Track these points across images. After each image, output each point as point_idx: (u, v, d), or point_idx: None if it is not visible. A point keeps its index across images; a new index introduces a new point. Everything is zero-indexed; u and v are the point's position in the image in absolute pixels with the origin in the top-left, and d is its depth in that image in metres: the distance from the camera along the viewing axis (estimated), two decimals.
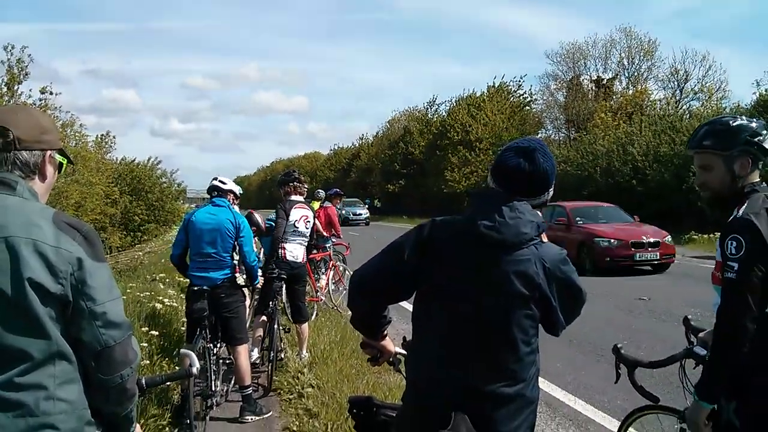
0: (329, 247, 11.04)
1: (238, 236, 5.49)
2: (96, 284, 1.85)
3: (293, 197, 7.05)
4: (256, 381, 6.32)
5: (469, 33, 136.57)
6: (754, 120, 2.66)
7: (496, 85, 48.02)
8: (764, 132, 2.59)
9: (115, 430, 2.06)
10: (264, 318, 6.58)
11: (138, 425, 2.22)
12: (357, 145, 75.24)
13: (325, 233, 10.65)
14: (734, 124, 2.60)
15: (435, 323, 2.16)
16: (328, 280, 10.44)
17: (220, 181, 5.58)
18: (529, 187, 2.17)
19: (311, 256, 9.76)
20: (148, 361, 5.62)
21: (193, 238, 5.41)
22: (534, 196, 2.18)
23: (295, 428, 5.04)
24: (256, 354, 6.54)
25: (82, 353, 1.85)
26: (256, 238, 7.55)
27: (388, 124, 67.75)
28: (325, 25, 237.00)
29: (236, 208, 5.75)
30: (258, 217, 7.73)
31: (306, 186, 7.33)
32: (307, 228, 6.94)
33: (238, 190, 5.83)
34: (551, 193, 2.26)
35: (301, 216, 6.95)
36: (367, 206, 45.64)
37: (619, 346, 3.05)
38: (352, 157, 73.30)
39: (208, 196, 5.69)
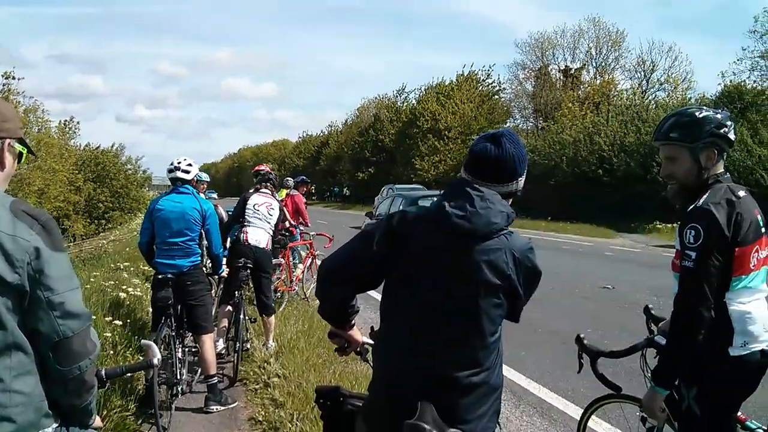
0: (312, 235, 10.99)
1: (204, 224, 5.42)
2: (54, 274, 1.81)
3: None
4: (221, 371, 6.28)
5: (442, 22, 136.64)
6: (719, 111, 2.69)
7: (465, 74, 48.15)
8: (729, 123, 2.62)
9: (73, 422, 2.04)
10: (229, 308, 6.53)
11: (98, 417, 2.20)
12: (326, 132, 74.99)
13: (292, 221, 10.60)
14: (700, 115, 2.62)
15: (403, 312, 2.16)
16: (304, 269, 10.39)
17: (183, 171, 5.42)
18: (497, 172, 2.17)
19: (291, 244, 9.74)
20: (111, 352, 5.54)
21: (159, 226, 5.30)
22: (502, 182, 2.18)
23: (260, 418, 5.02)
24: (221, 344, 6.49)
25: (39, 344, 1.81)
26: None
27: (358, 112, 67.65)
28: (298, 12, 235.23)
29: (202, 196, 5.68)
30: (221, 210, 7.68)
31: (272, 180, 7.33)
32: (270, 214, 6.87)
33: (205, 177, 5.73)
34: (521, 182, 2.25)
35: (264, 202, 6.92)
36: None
37: (581, 336, 3.09)
38: (321, 145, 73.16)
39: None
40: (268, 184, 7.17)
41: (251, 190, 7.14)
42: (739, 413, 2.74)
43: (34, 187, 23.64)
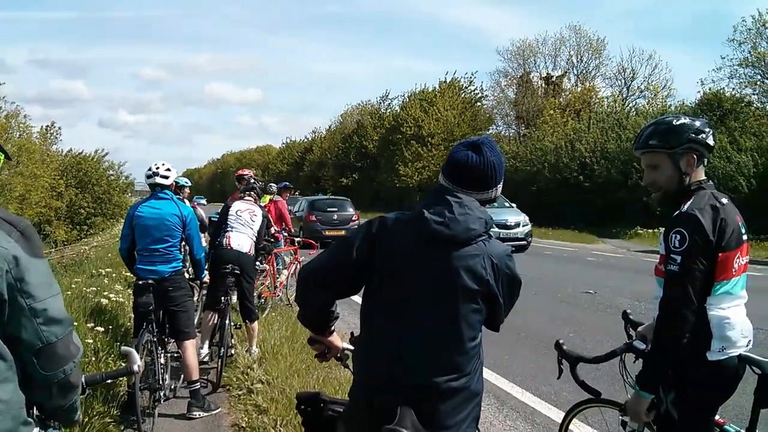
0: (297, 242, 11.01)
1: (185, 229, 5.39)
2: (34, 281, 1.79)
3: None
4: (205, 377, 6.25)
5: (425, 29, 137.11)
6: (697, 118, 2.74)
7: (448, 81, 48.30)
8: (707, 129, 2.67)
9: (59, 419, 2.05)
10: (215, 315, 6.50)
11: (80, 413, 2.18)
12: (310, 138, 74.82)
13: (275, 227, 10.59)
14: (677, 123, 2.68)
15: (383, 318, 2.18)
16: (288, 275, 10.38)
17: (162, 176, 5.37)
18: (476, 180, 2.21)
19: (276, 250, 9.73)
20: (93, 358, 5.50)
21: (139, 233, 5.26)
22: (481, 190, 2.22)
23: (244, 424, 5.01)
24: (205, 351, 6.46)
25: (21, 351, 1.79)
26: (203, 234, 7.47)
27: (341, 118, 67.57)
28: (282, 17, 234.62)
29: (186, 202, 5.66)
30: (200, 211, 7.64)
31: (256, 189, 7.35)
32: (252, 220, 6.85)
33: (186, 182, 5.70)
34: (499, 190, 2.29)
35: (247, 209, 6.91)
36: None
37: (561, 341, 3.11)
38: (304, 151, 72.89)
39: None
40: (252, 192, 7.17)
41: (236, 199, 7.15)
42: (717, 417, 2.77)
43: (16, 193, 23.42)
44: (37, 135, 31.48)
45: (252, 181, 7.41)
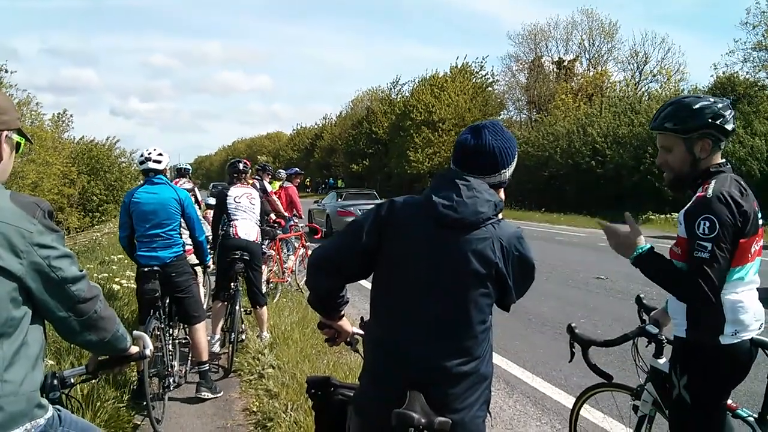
0: (302, 227, 11.02)
1: (184, 212, 5.36)
2: (58, 254, 1.94)
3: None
4: (216, 362, 6.29)
5: (434, 14, 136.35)
6: (719, 100, 2.64)
7: (459, 66, 48.07)
8: (728, 113, 2.59)
9: (114, 352, 2.31)
10: (224, 303, 6.51)
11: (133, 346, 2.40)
12: (320, 125, 74.83)
13: (286, 213, 10.62)
14: (697, 106, 2.59)
15: (392, 302, 2.17)
16: (296, 260, 10.40)
17: (155, 161, 5.33)
18: (477, 163, 2.18)
19: (281, 236, 9.74)
20: None
21: (138, 219, 5.22)
22: (485, 173, 2.18)
23: (255, 408, 5.03)
24: (216, 339, 6.46)
25: (57, 312, 1.97)
26: (204, 220, 7.46)
27: (352, 104, 67.54)
28: (291, 5, 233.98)
29: (189, 185, 5.67)
30: (197, 192, 7.61)
31: (248, 172, 7.32)
32: (252, 204, 6.84)
33: (185, 165, 5.61)
34: (507, 174, 2.24)
35: (243, 193, 6.89)
36: None
37: (573, 325, 3.09)
38: (315, 137, 72.94)
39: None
40: (242, 175, 7.14)
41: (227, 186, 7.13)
42: (729, 401, 2.76)
43: (28, 180, 23.55)
44: (48, 122, 31.65)
45: (241, 166, 7.32)
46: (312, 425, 3.20)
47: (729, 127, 2.60)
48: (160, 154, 5.38)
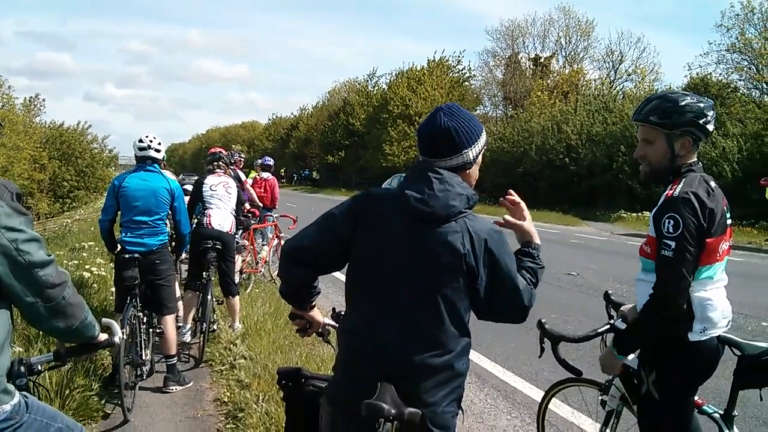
0: (275, 217, 10.95)
1: (174, 203, 5.38)
2: (26, 237, 1.93)
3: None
4: (187, 352, 6.25)
5: (418, 8, 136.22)
6: (703, 99, 2.66)
7: (436, 60, 48.08)
8: (711, 113, 2.62)
9: (82, 340, 2.27)
10: (196, 292, 6.46)
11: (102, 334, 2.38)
12: (296, 115, 74.40)
13: (267, 204, 10.62)
14: (682, 102, 2.61)
15: (366, 294, 2.18)
16: (270, 251, 10.36)
17: (155, 150, 5.34)
18: (436, 146, 2.17)
19: (255, 226, 9.68)
20: None
21: (125, 205, 5.20)
22: (444, 156, 2.16)
23: (226, 399, 5.01)
24: (188, 336, 6.40)
25: (24, 297, 1.95)
26: None
27: (329, 95, 67.23)
28: None
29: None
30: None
31: (226, 161, 7.25)
32: (229, 193, 6.79)
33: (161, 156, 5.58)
34: (470, 154, 2.18)
35: (220, 182, 6.82)
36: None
37: (543, 321, 3.12)
38: (290, 128, 72.52)
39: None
40: (220, 163, 7.07)
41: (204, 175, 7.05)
42: (696, 397, 2.81)
43: None
44: (20, 106, 31.13)
45: (217, 152, 7.26)
46: (283, 416, 3.21)
47: (710, 127, 2.64)
48: (160, 143, 5.41)
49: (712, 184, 2.61)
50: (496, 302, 2.15)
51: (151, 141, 5.35)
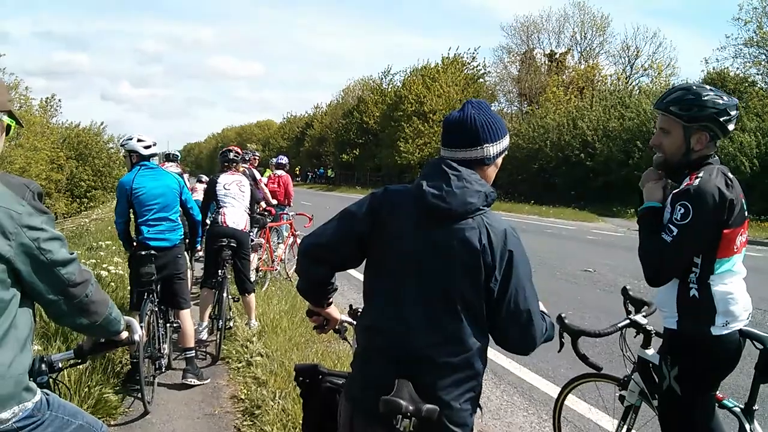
0: (291, 215, 10.98)
1: (182, 195, 5.50)
2: (47, 236, 1.92)
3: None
4: (204, 349, 6.28)
5: (431, 4, 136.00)
6: (727, 97, 2.62)
7: (451, 57, 47.97)
8: (733, 112, 2.58)
9: (107, 335, 2.30)
10: (212, 290, 6.48)
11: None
12: (311, 113, 74.52)
13: (281, 200, 10.65)
14: (705, 97, 2.57)
15: (384, 291, 2.17)
16: (285, 249, 10.39)
17: (154, 147, 5.45)
18: (459, 136, 2.15)
19: (271, 224, 9.72)
20: None
21: (143, 205, 5.21)
22: (465, 147, 2.14)
23: (243, 396, 5.04)
24: (205, 333, 6.42)
25: (47, 295, 1.96)
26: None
27: (343, 93, 67.28)
28: None
29: (177, 170, 5.74)
30: (186, 178, 7.62)
31: (238, 160, 7.29)
32: (242, 191, 6.84)
33: (174, 151, 5.68)
34: (491, 149, 2.16)
35: (233, 180, 6.88)
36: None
37: (563, 315, 3.10)
38: (305, 126, 72.65)
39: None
40: (233, 163, 7.11)
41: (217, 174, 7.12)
42: (717, 392, 2.78)
43: (16, 165, 23.42)
44: (37, 107, 31.41)
45: (232, 155, 7.30)
46: (300, 413, 3.21)
47: (730, 127, 2.60)
48: (150, 145, 5.48)
49: (730, 175, 2.59)
50: (502, 312, 2.08)
51: (151, 141, 5.44)
